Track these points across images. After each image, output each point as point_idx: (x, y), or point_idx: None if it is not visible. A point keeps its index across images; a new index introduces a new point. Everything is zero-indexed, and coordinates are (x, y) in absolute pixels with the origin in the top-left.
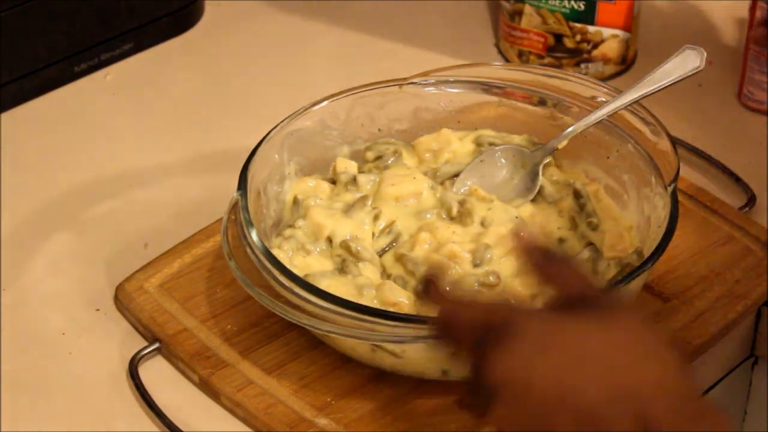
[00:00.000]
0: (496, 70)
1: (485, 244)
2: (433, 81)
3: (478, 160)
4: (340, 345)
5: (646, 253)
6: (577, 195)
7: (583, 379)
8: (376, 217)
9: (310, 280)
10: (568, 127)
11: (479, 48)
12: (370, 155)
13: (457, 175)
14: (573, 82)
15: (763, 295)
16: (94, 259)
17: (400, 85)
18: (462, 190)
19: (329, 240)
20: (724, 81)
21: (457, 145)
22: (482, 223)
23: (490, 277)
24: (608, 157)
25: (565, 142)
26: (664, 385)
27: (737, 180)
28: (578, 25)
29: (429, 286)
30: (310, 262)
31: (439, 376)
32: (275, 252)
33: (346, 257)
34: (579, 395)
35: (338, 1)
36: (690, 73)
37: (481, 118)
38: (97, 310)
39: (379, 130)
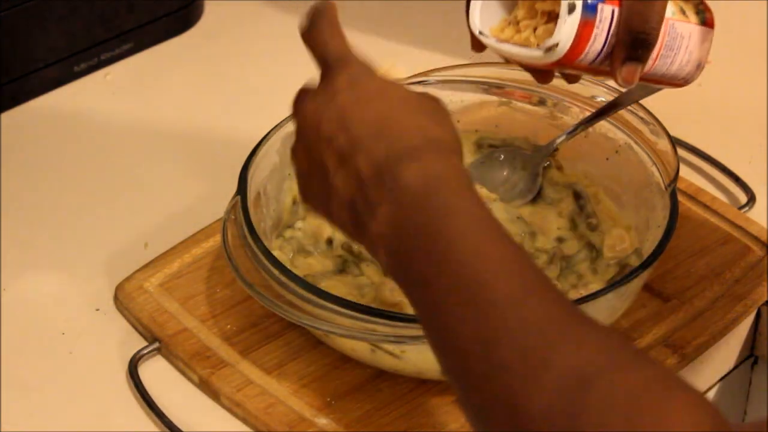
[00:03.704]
0: (496, 70)
1: None
2: (433, 81)
3: (478, 162)
4: (340, 345)
5: (646, 253)
6: (576, 196)
7: (360, 118)
8: None
9: (311, 280)
10: (568, 127)
11: None
12: None
13: None
14: None
15: (763, 295)
16: (94, 259)
17: None
18: None
19: (329, 241)
20: (724, 80)
21: None
22: None
23: None
24: (608, 159)
25: (565, 143)
26: (430, 133)
27: (737, 180)
28: None
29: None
30: (311, 263)
31: (439, 376)
32: (276, 253)
33: (347, 258)
34: (354, 127)
35: (338, 1)
36: None
37: (481, 118)
38: (97, 310)
39: None
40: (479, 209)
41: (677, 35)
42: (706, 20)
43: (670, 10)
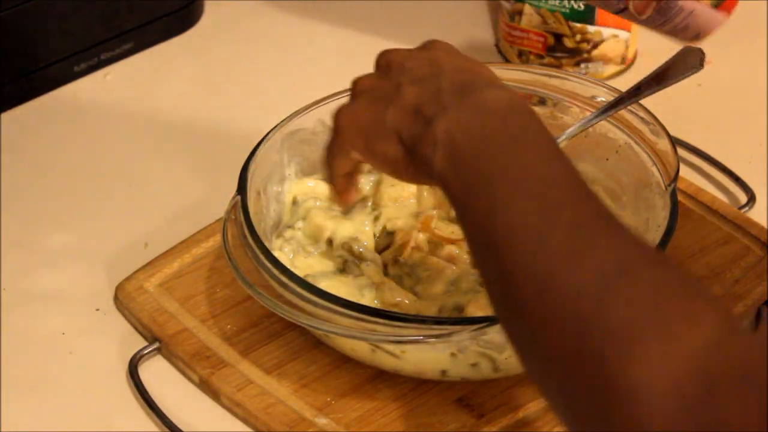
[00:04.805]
0: (496, 70)
1: None
2: None
3: None
4: (340, 345)
5: None
6: None
7: (447, 60)
8: (376, 218)
9: (311, 280)
10: (568, 127)
11: (479, 48)
12: None
13: None
14: (573, 82)
15: (763, 295)
16: (94, 259)
17: None
18: None
19: (329, 241)
20: (724, 80)
21: None
22: None
23: None
24: (608, 159)
25: (564, 143)
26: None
27: (737, 180)
28: (578, 25)
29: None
30: (311, 263)
31: (439, 376)
32: (276, 253)
33: (347, 258)
34: (439, 64)
35: (338, 1)
36: (690, 73)
37: None
38: (97, 309)
39: None
40: (551, 135)
41: (676, 6)
42: (721, 4)
43: None
